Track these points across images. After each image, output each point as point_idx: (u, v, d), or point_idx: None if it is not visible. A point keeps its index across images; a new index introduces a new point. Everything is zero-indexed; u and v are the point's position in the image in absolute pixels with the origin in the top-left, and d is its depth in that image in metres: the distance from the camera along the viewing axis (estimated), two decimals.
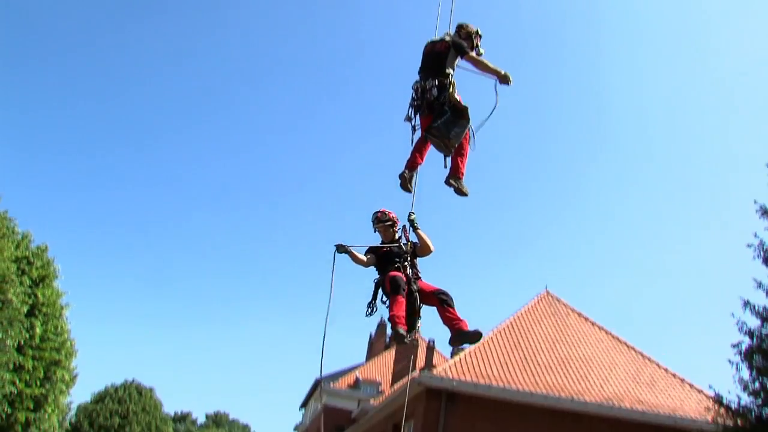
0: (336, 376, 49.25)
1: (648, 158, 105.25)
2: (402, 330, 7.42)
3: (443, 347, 40.79)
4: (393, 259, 8.05)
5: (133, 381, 39.41)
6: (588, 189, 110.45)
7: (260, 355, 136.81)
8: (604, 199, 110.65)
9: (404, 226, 8.25)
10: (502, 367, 22.66)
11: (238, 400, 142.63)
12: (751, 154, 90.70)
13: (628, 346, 26.82)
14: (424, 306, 7.89)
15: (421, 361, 37.79)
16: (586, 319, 28.12)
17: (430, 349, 29.66)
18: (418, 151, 8.15)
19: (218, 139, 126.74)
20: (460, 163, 8.26)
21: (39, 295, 22.88)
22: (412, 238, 8.20)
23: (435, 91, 8.00)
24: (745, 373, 17.46)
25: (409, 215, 8.11)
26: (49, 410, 23.70)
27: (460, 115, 7.98)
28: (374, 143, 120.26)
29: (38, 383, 22.50)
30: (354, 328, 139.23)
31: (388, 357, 47.01)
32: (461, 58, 8.30)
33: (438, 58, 8.26)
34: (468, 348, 23.86)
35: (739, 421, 17.16)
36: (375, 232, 8.56)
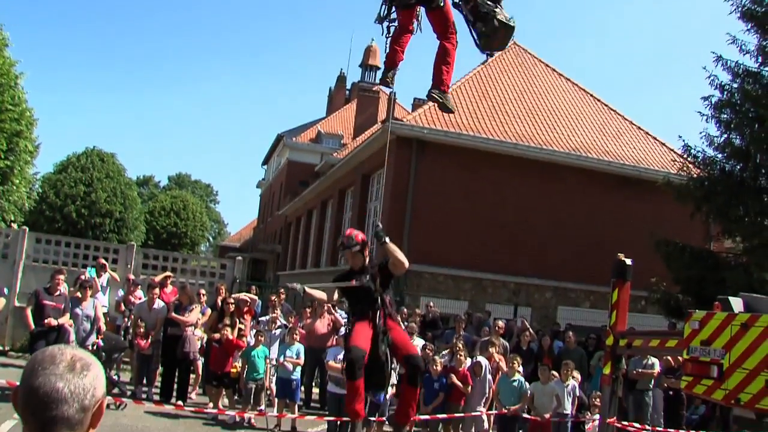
0: (297, 130, 49.27)
1: None
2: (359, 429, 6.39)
3: (404, 100, 40.61)
4: (363, 296, 6.57)
5: (94, 148, 38.73)
6: None
7: (220, 115, 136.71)
8: None
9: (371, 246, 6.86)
10: (471, 116, 22.64)
11: (199, 161, 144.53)
12: None
13: (594, 98, 26.93)
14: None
15: (382, 113, 37.83)
16: (554, 70, 27.86)
17: (392, 101, 29.19)
18: (398, 44, 6.58)
19: None
20: (445, 71, 6.67)
21: None
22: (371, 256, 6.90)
23: None
24: (713, 129, 17.73)
25: (375, 227, 6.70)
26: (17, 182, 23.33)
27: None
28: None
29: (2, 155, 21.88)
30: (313, 81, 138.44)
31: (349, 110, 46.87)
32: None
33: None
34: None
35: (706, 172, 17.64)
36: (341, 258, 7.25)
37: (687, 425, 12.10)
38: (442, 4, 6.34)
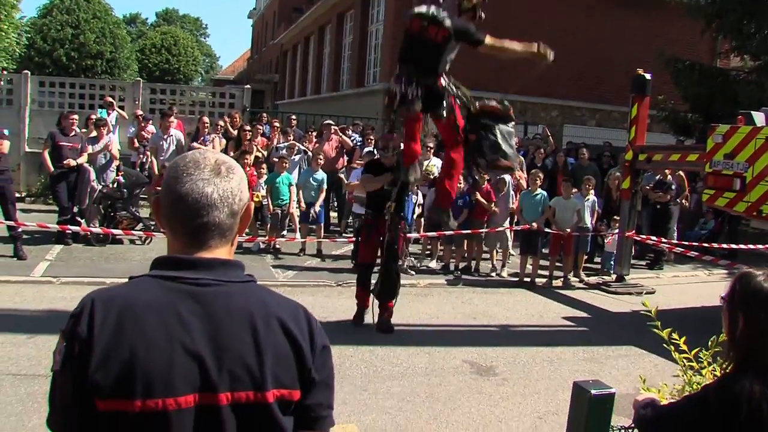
0: None
1: None
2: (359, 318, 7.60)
3: None
4: (381, 196, 7.51)
5: None
6: None
7: None
8: None
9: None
10: None
11: None
12: None
13: None
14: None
15: None
16: None
17: None
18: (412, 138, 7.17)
19: None
20: (449, 187, 7.20)
21: None
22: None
23: (417, 106, 6.47)
24: None
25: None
26: (5, 27, 22.48)
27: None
28: None
29: None
30: None
31: None
32: (471, 46, 6.42)
33: (431, 53, 6.40)
34: None
35: None
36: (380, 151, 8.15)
37: (697, 240, 12.48)
38: (445, 115, 6.74)
